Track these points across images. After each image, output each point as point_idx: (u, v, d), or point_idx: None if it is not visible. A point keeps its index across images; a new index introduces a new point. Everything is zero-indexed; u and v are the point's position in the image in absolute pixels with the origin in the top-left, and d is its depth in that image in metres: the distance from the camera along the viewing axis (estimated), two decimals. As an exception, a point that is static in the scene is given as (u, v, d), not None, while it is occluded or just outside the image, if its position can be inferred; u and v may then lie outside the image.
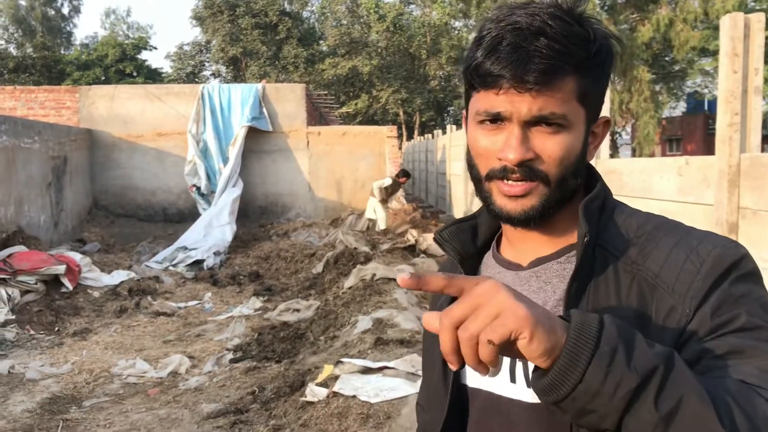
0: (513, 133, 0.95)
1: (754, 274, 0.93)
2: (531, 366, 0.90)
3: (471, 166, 1.03)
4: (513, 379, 1.01)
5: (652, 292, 0.93)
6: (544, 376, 0.80)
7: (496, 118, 0.96)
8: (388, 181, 12.35)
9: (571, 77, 0.94)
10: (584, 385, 0.77)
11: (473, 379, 1.07)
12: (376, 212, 12.43)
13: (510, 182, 0.97)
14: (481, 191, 1.02)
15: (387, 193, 12.45)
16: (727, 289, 0.89)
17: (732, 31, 3.89)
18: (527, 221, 0.98)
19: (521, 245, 1.06)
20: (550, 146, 0.95)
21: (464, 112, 1.08)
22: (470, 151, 1.03)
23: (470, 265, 1.13)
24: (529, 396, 0.97)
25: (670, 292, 0.91)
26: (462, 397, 1.09)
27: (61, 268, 8.59)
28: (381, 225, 12.33)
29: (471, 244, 1.13)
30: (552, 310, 0.97)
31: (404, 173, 12.75)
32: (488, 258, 1.13)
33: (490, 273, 1.10)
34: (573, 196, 1.02)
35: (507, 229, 1.07)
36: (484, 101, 0.96)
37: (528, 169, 0.95)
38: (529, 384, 0.96)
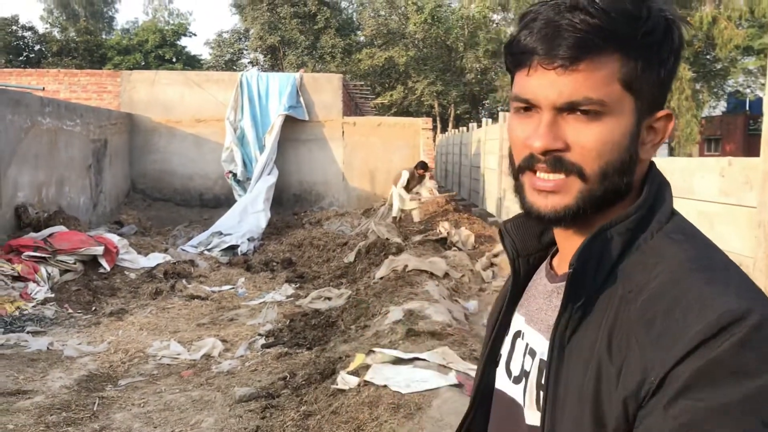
0: (542, 119, 0.87)
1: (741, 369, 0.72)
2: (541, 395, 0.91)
3: (510, 160, 0.95)
4: (525, 392, 0.98)
5: (630, 343, 0.80)
6: None
7: (529, 105, 0.88)
8: (405, 175, 12.33)
9: (612, 57, 0.84)
10: None
11: (501, 381, 1.04)
12: (394, 198, 12.43)
13: (541, 175, 0.88)
14: (515, 186, 0.94)
15: (410, 187, 12.49)
16: (699, 370, 0.72)
17: (782, 30, 3.81)
18: (558, 221, 0.90)
19: (563, 251, 0.98)
20: (585, 136, 0.85)
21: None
22: (509, 141, 0.95)
23: (528, 263, 1.05)
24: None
25: (642, 349, 0.78)
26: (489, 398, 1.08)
27: (99, 249, 8.77)
28: (394, 212, 12.38)
29: (535, 240, 1.04)
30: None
31: (422, 165, 12.74)
32: (547, 259, 1.04)
33: (539, 277, 1.04)
34: (621, 198, 0.90)
35: (555, 231, 0.99)
36: (518, 86, 0.89)
37: (556, 160, 0.86)
38: (536, 400, 0.92)
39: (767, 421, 0.70)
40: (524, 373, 0.97)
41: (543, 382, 0.90)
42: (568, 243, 0.95)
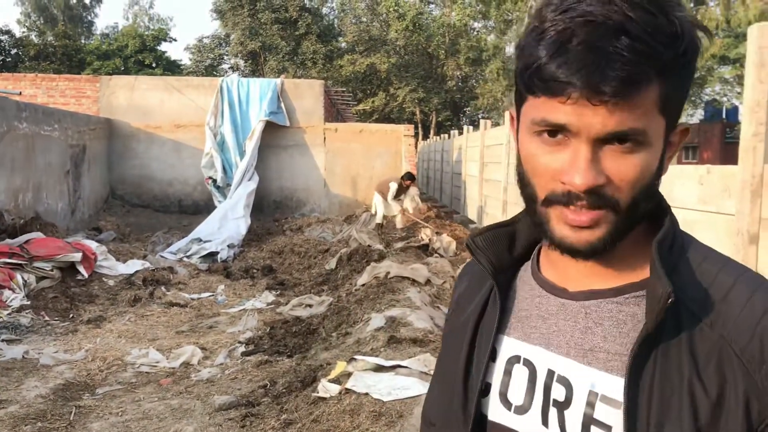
0: (581, 152, 0.78)
1: None
2: (567, 415, 0.85)
3: (525, 184, 0.86)
4: (545, 423, 0.88)
5: (732, 369, 0.77)
6: None
7: (559, 131, 0.79)
8: (394, 187, 12.41)
9: (654, 85, 0.77)
10: None
11: (496, 412, 0.94)
12: (379, 206, 12.53)
13: (574, 208, 0.80)
14: (535, 214, 0.86)
15: (396, 197, 12.56)
16: None
17: (759, 40, 3.86)
18: (592, 254, 0.83)
19: (563, 265, 0.91)
20: (625, 168, 0.79)
21: (512, 113, 0.93)
22: (523, 164, 0.86)
23: (503, 278, 0.97)
24: None
25: (756, 372, 0.76)
26: (481, 429, 0.95)
27: (77, 256, 8.66)
28: (378, 219, 12.49)
29: (507, 255, 0.98)
30: (604, 362, 0.85)
31: (409, 176, 12.79)
32: (526, 274, 0.98)
33: (530, 295, 0.95)
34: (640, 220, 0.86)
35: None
36: (545, 109, 0.79)
37: (597, 197, 0.79)
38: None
39: None
40: (554, 404, 0.87)
41: (599, 415, 0.83)
42: (575, 262, 0.88)
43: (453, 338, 1.02)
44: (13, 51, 37.89)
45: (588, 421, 0.83)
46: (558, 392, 0.87)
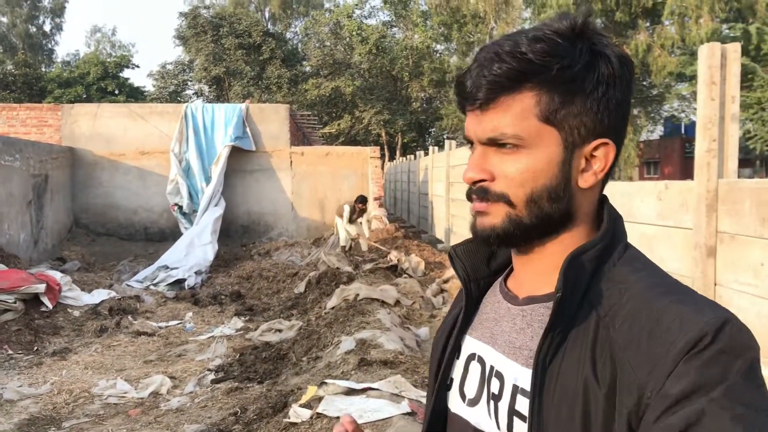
0: (473, 154, 0.96)
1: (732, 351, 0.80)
2: (500, 407, 0.94)
3: None
4: (489, 414, 0.98)
5: (620, 364, 0.84)
6: None
7: (470, 141, 0.96)
8: (347, 209, 12.56)
9: (526, 94, 0.89)
10: None
11: (454, 404, 1.05)
12: (340, 229, 12.68)
13: (474, 198, 0.96)
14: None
15: (351, 219, 12.68)
16: (693, 376, 0.78)
17: (709, 60, 4.00)
18: (487, 239, 0.96)
19: (519, 275, 1.02)
20: (505, 167, 0.92)
21: None
22: None
23: (479, 287, 1.08)
24: None
25: (634, 369, 0.82)
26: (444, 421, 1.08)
27: (41, 287, 8.50)
28: (341, 242, 12.61)
29: (484, 266, 1.09)
30: (525, 359, 0.94)
31: (361, 199, 12.97)
32: (497, 283, 1.08)
33: (491, 301, 1.06)
34: (567, 225, 0.95)
35: (513, 256, 1.03)
36: (465, 126, 0.98)
37: (482, 190, 0.94)
38: (507, 426, 0.94)
39: (762, 407, 0.77)
40: (492, 397, 0.97)
41: (518, 407, 0.92)
42: (525, 268, 1.00)
43: (436, 342, 1.13)
44: (-28, 80, 37.31)
45: (511, 412, 0.93)
46: (494, 386, 0.98)
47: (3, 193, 10.80)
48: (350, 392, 4.62)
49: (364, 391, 4.62)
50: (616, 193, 5.18)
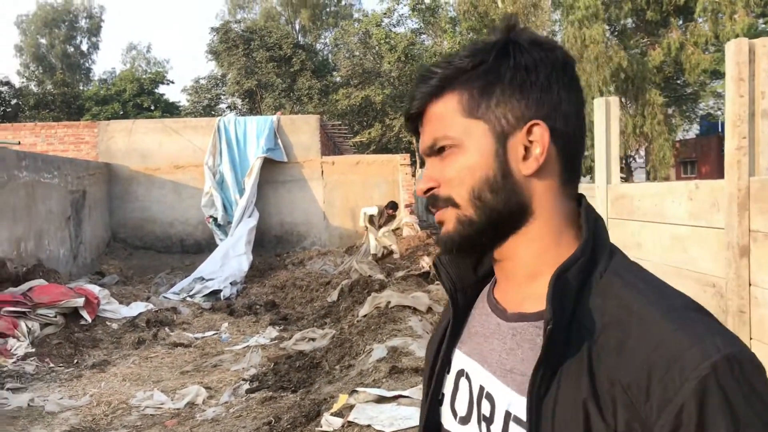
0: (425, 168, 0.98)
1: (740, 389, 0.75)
2: (492, 431, 0.90)
3: None
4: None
5: (622, 401, 0.79)
6: None
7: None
8: (374, 210, 12.53)
9: (449, 96, 0.93)
10: None
11: (446, 420, 1.02)
12: (370, 237, 12.64)
13: (433, 211, 0.97)
14: None
15: (376, 222, 12.64)
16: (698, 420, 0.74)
17: (737, 56, 3.93)
18: (446, 246, 0.96)
19: (502, 284, 0.99)
20: (446, 170, 0.93)
21: None
22: None
23: (465, 297, 1.04)
24: None
25: (641, 405, 0.78)
26: None
27: (80, 301, 8.69)
28: (371, 250, 12.52)
29: (470, 273, 1.04)
30: (518, 384, 0.89)
31: (392, 205, 12.95)
32: (485, 292, 1.04)
33: (480, 312, 1.02)
34: (520, 219, 0.92)
35: (494, 266, 1.00)
36: None
37: (433, 198, 0.96)
38: None
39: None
40: (483, 418, 0.93)
41: None
42: (506, 276, 0.97)
43: (427, 355, 1.11)
44: (14, 101, 38.29)
45: None
46: (485, 408, 0.94)
47: (43, 210, 11.07)
48: (381, 400, 4.62)
49: (395, 398, 4.62)
50: (646, 194, 5.12)
